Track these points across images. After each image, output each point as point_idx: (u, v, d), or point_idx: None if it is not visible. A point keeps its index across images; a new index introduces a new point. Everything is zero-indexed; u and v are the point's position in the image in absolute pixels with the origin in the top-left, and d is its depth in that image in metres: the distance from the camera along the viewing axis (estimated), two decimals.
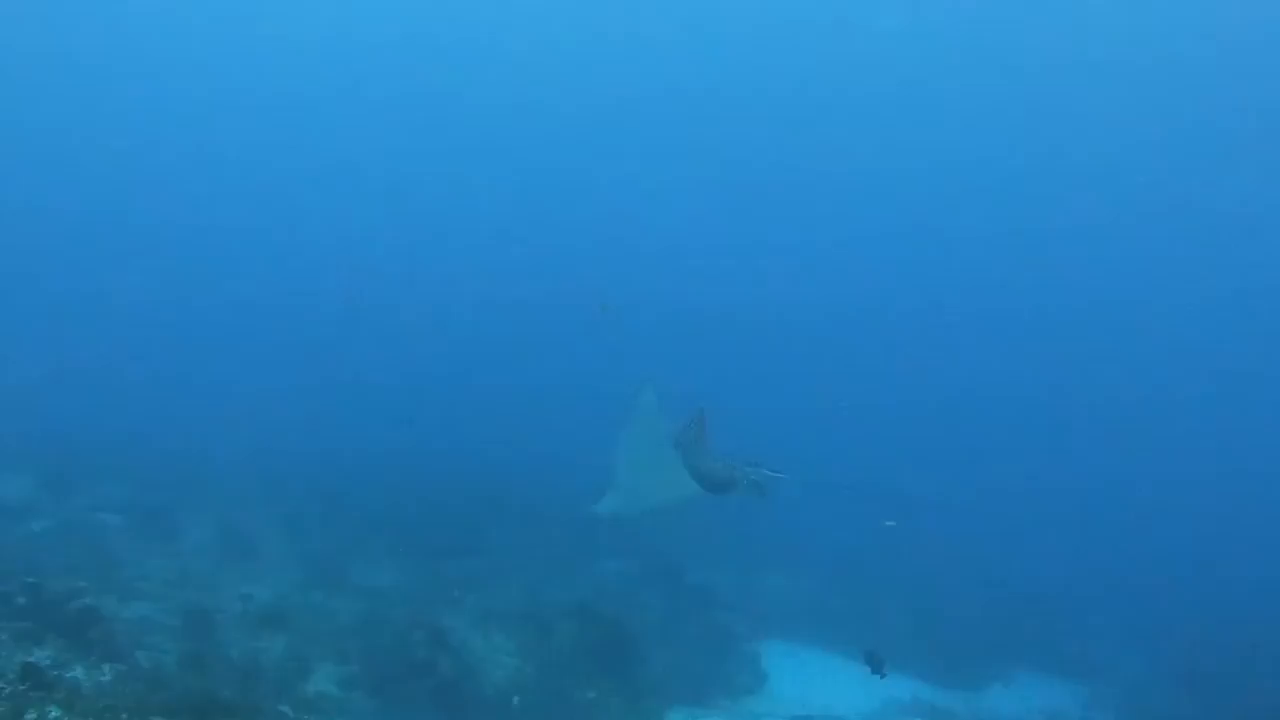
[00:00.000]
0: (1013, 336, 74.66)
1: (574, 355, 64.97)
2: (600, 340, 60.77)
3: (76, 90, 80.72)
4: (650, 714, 17.32)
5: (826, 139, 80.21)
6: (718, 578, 26.29)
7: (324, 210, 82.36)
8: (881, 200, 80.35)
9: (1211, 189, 72.24)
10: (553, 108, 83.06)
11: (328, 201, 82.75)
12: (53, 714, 8.98)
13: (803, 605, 27.03)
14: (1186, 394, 67.52)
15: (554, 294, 72.91)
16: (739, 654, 22.61)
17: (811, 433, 43.53)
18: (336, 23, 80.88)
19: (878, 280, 78.64)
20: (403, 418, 24.09)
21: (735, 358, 63.88)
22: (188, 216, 78.66)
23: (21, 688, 9.29)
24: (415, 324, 70.71)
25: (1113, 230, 75.37)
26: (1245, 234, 72.16)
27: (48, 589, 13.54)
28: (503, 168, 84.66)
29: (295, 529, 25.16)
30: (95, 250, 72.58)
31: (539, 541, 27.08)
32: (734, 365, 62.03)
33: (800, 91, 78.94)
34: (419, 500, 29.38)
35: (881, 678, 12.82)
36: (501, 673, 16.95)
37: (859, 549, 32.47)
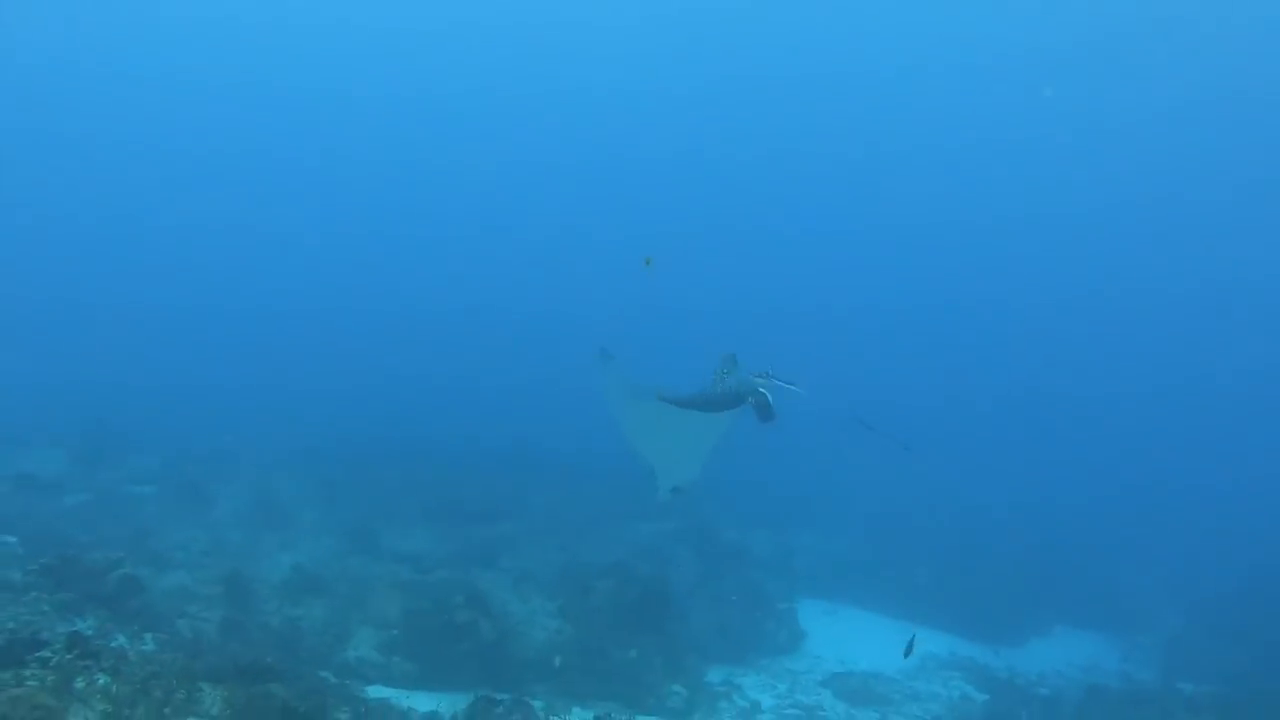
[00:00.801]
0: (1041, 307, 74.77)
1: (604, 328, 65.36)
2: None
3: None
4: (691, 672, 17.23)
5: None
6: (752, 537, 26.18)
7: (337, 207, 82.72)
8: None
9: None
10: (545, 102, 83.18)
11: (339, 198, 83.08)
12: (101, 681, 8.92)
13: (838, 564, 26.96)
14: (1218, 350, 67.57)
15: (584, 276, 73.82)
16: (776, 613, 22.48)
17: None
18: (336, 25, 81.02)
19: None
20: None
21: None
22: (206, 212, 79.35)
23: (69, 656, 9.23)
24: (443, 306, 71.42)
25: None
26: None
27: (86, 560, 13.49)
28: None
29: (328, 498, 25.17)
30: (120, 244, 73.40)
31: (573, 504, 27.06)
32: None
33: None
34: (451, 467, 29.36)
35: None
36: (542, 634, 16.86)
37: (892, 508, 32.40)
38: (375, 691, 13.63)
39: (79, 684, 8.80)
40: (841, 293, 75.73)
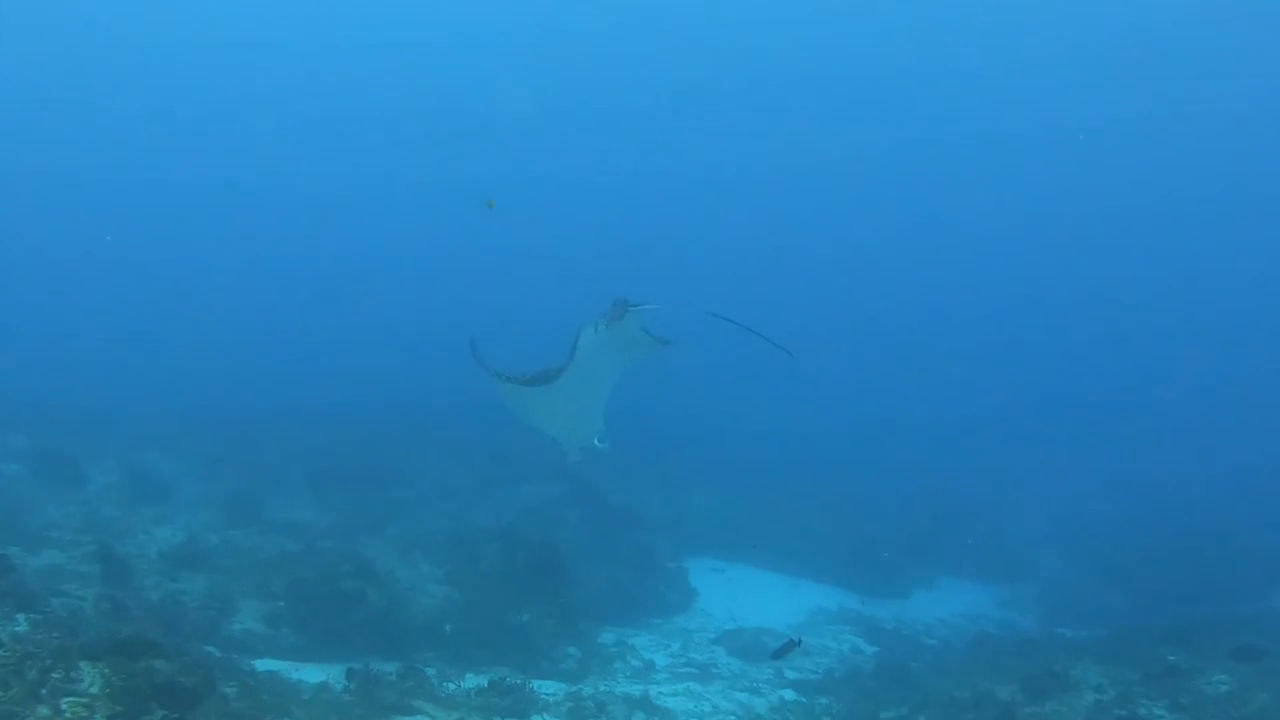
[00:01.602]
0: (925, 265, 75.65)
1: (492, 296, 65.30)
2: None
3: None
4: (584, 635, 17.10)
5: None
6: (641, 499, 26.16)
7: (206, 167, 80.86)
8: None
9: None
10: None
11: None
12: None
13: (726, 523, 27.00)
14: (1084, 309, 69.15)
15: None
16: (667, 573, 22.49)
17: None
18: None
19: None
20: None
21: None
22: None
23: None
24: (330, 276, 70.54)
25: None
26: None
27: None
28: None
29: (207, 470, 24.60)
30: None
31: (459, 469, 26.80)
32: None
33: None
34: (334, 435, 28.93)
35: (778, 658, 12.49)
36: (431, 601, 16.61)
37: (778, 466, 32.64)
38: (263, 664, 13.25)
39: None
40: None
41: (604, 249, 69.85)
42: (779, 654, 14.07)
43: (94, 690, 8.60)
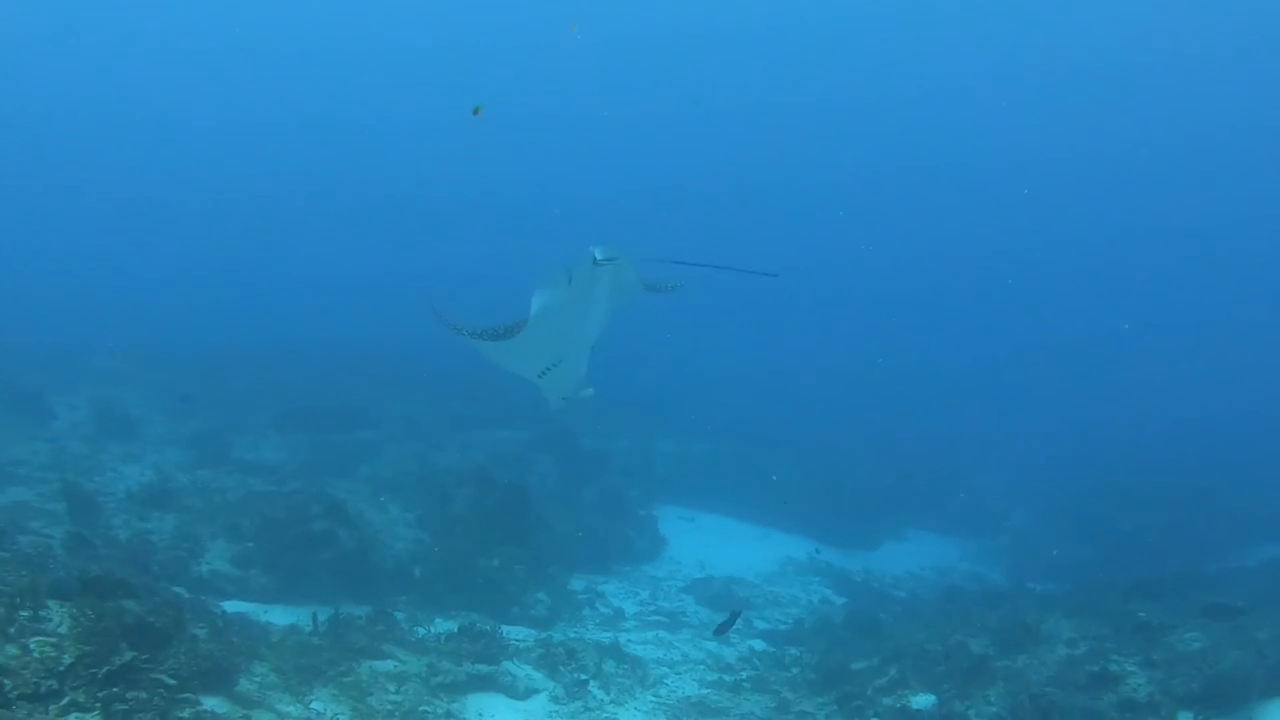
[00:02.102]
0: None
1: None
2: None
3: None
4: (553, 581, 17.04)
5: None
6: (612, 444, 26.14)
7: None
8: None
9: None
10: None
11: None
12: None
13: (697, 470, 27.00)
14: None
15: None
16: (636, 520, 22.49)
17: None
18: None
19: None
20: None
21: None
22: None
23: None
24: (301, 217, 70.25)
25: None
26: None
27: None
28: None
29: (175, 408, 24.38)
30: None
31: (430, 411, 26.72)
32: None
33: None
34: (304, 375, 28.77)
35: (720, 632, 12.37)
36: (401, 544, 16.52)
37: (749, 414, 32.65)
38: (232, 606, 13.17)
39: None
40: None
41: (578, 198, 69.89)
42: (721, 630, 13.94)
43: (63, 630, 8.48)
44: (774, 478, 26.15)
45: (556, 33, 72.18)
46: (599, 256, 9.35)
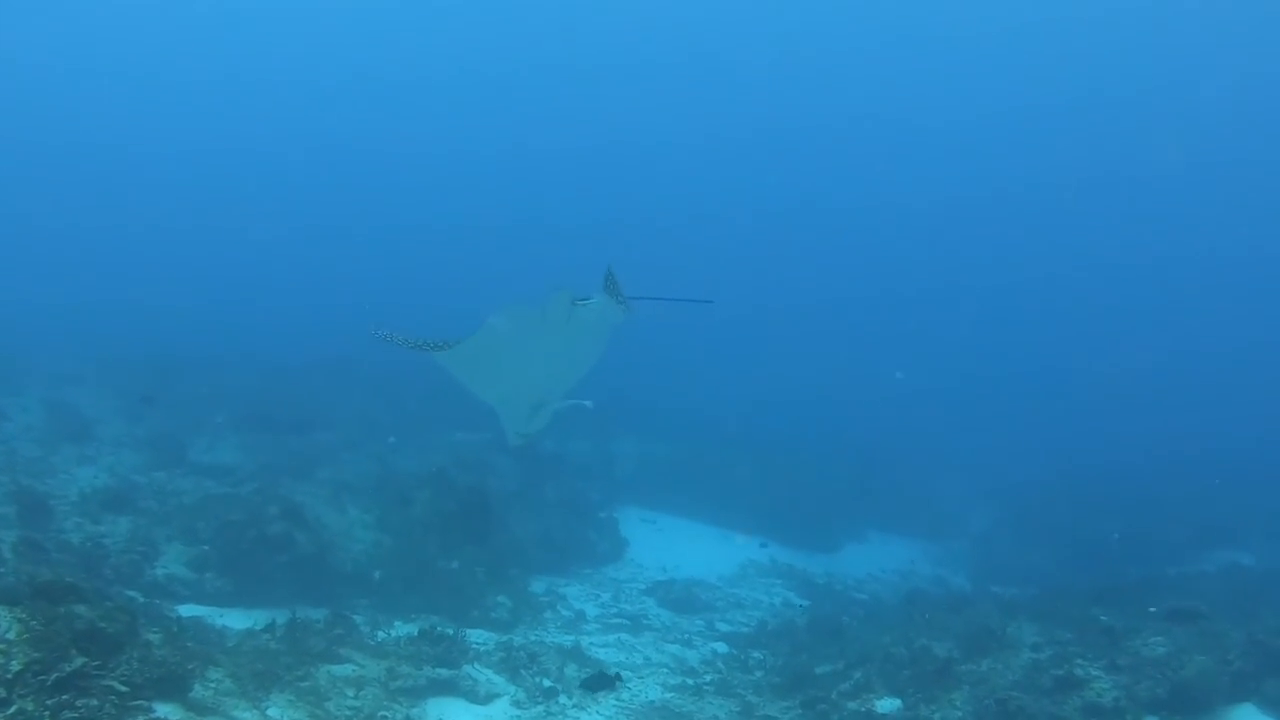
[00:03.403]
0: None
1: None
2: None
3: None
4: (514, 583, 16.90)
5: None
6: (572, 445, 25.97)
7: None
8: None
9: None
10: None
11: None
12: None
13: (656, 472, 26.90)
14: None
15: None
16: (597, 522, 22.40)
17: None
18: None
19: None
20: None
21: None
22: None
23: None
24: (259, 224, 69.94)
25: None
26: None
27: None
28: None
29: (129, 410, 24.04)
30: None
31: (387, 413, 26.49)
32: None
33: None
34: (259, 377, 28.48)
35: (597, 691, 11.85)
36: (360, 546, 16.36)
37: (709, 416, 32.59)
38: (188, 610, 12.97)
39: None
40: None
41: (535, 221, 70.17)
42: (592, 685, 12.93)
43: (10, 636, 8.27)
44: (733, 479, 26.12)
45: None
46: (578, 299, 9.36)
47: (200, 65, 78.85)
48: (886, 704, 12.70)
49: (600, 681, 11.75)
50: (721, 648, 16.32)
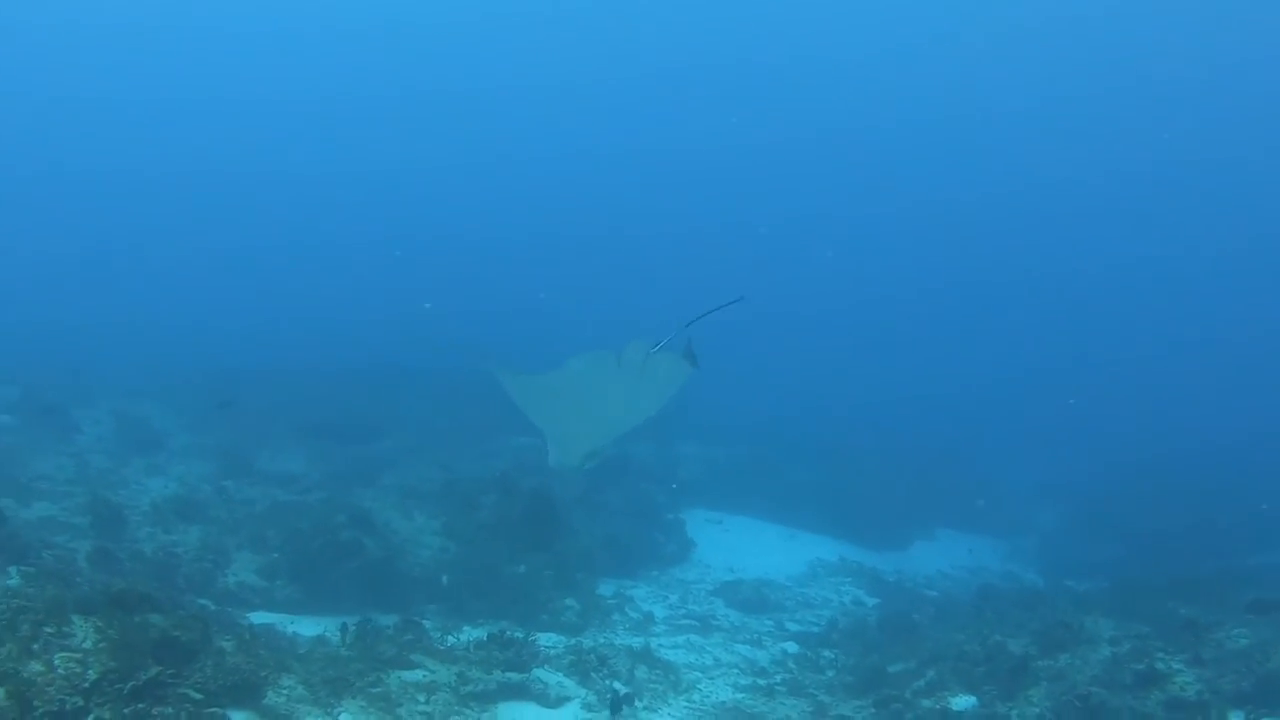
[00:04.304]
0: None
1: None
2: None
3: None
4: (581, 586, 16.85)
5: None
6: (635, 448, 25.91)
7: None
8: None
9: None
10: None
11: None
12: None
13: (722, 473, 26.85)
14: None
15: None
16: (663, 524, 22.34)
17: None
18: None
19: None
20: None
21: None
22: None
23: None
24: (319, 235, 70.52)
25: None
26: None
27: None
28: None
29: (197, 422, 24.32)
30: None
31: (448, 419, 26.58)
32: None
33: None
34: (320, 388, 28.69)
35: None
36: (427, 552, 16.41)
37: (773, 417, 32.50)
38: (259, 617, 13.05)
39: None
40: None
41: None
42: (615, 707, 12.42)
43: (87, 645, 8.36)
44: (797, 479, 26.01)
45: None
46: (653, 347, 9.41)
47: (237, 81, 79.90)
48: (962, 701, 12.54)
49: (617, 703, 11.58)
50: (792, 647, 16.20)
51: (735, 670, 14.66)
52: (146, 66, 78.91)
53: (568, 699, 12.00)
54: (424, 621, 13.53)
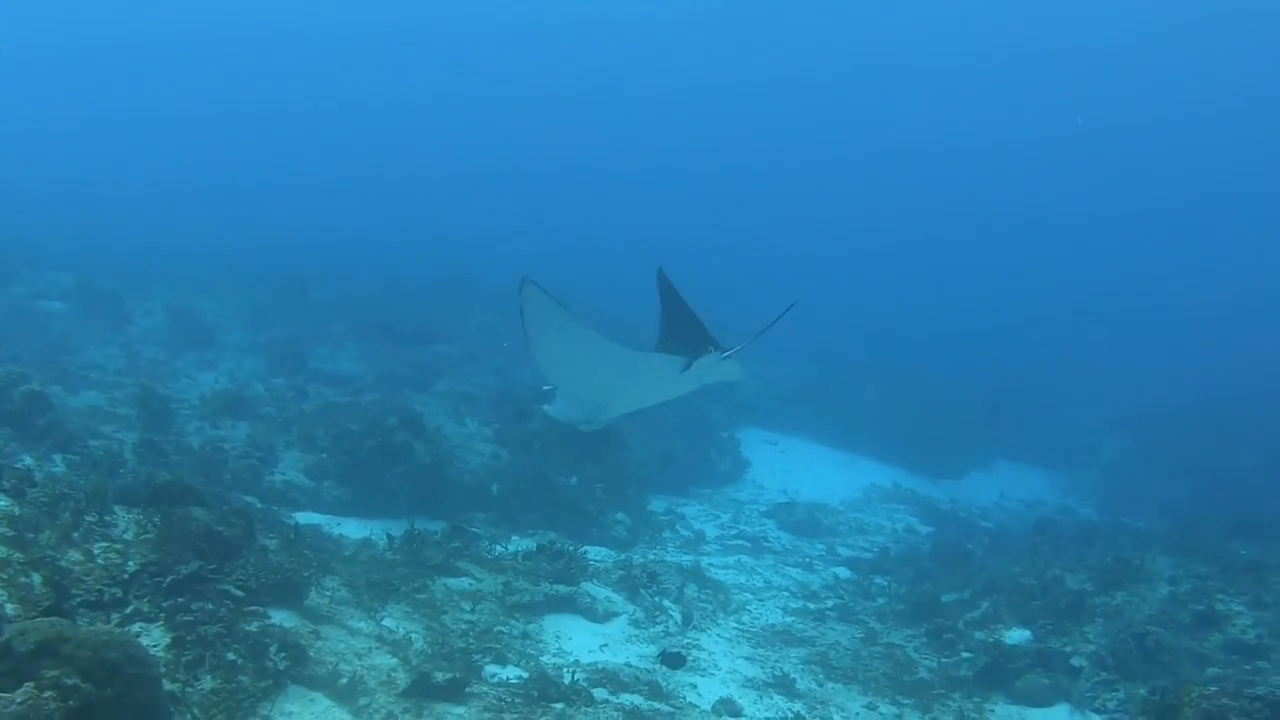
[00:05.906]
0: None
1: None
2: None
3: None
4: (633, 502, 16.58)
5: None
6: None
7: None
8: None
9: None
10: None
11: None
12: (1, 503, 8.05)
13: (780, 394, 26.48)
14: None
15: None
16: (718, 442, 22.02)
17: None
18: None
19: None
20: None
21: None
22: None
23: None
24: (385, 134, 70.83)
25: None
26: None
27: None
28: None
29: (253, 317, 24.16)
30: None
31: (505, 325, 26.26)
32: None
33: None
34: (381, 288, 28.47)
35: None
36: (478, 459, 16.17)
37: (834, 340, 32.06)
38: (305, 517, 12.80)
39: None
40: None
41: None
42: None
43: (128, 536, 8.14)
44: (858, 403, 25.61)
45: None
46: (721, 356, 9.45)
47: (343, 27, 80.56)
48: (1015, 635, 12.25)
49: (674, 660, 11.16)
50: (843, 573, 15.88)
51: (786, 593, 14.34)
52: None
53: (615, 614, 11.74)
54: (472, 529, 13.31)
